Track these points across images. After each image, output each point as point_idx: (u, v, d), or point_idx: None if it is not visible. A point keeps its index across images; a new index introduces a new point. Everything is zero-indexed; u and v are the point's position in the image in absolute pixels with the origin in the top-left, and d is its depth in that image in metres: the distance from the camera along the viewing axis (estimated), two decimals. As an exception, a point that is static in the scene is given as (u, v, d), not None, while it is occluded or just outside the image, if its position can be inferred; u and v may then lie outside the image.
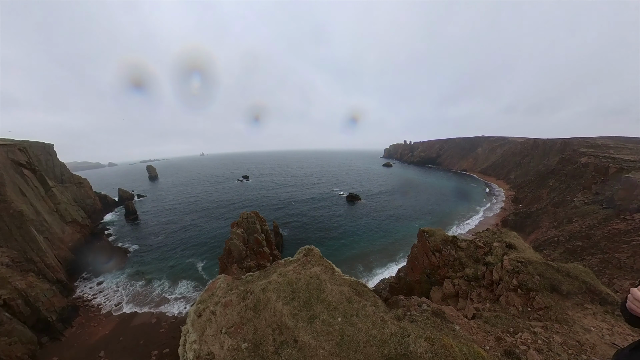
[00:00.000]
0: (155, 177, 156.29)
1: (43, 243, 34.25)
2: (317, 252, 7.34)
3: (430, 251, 16.79)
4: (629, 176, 34.87)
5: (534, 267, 9.43)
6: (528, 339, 4.85)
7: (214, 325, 4.98)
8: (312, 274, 5.60)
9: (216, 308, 5.39)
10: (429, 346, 3.69)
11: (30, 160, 43.32)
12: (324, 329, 4.05)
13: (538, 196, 59.69)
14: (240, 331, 4.59)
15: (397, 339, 3.82)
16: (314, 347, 3.76)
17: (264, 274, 6.84)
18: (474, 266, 13.71)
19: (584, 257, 29.12)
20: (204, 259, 42.08)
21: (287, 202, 78.36)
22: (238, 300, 5.43)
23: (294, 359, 3.69)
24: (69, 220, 45.60)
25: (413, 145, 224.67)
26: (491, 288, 11.67)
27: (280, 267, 6.79)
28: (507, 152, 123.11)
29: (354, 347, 3.66)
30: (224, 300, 5.53)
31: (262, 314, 4.73)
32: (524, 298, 8.39)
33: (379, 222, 58.89)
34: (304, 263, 6.64)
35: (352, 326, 4.05)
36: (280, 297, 4.98)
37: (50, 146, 62.77)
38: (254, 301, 5.12)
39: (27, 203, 37.10)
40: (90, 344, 25.36)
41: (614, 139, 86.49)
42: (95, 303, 31.99)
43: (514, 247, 12.73)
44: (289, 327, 4.20)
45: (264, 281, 5.72)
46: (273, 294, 5.11)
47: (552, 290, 7.81)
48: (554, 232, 40.13)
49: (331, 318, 4.27)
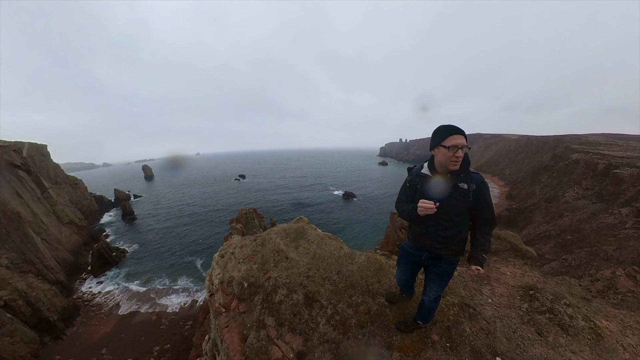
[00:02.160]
0: (151, 177, 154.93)
1: (41, 244, 34.19)
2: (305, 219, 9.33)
3: (398, 228, 21.71)
4: (616, 172, 36.05)
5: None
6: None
7: (234, 260, 6.93)
8: (300, 226, 7.91)
9: (235, 250, 7.37)
10: (366, 258, 5.98)
11: (25, 161, 42.94)
12: (304, 251, 6.29)
13: (531, 192, 61.05)
14: (252, 259, 6.62)
15: (348, 255, 6.12)
16: (297, 260, 5.95)
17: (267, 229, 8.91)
18: None
19: (573, 250, 30.18)
20: (203, 257, 42.37)
21: (283, 199, 78.70)
22: (250, 242, 7.45)
23: (285, 267, 5.83)
24: (66, 222, 45.39)
25: (408, 143, 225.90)
26: None
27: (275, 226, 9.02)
28: (501, 149, 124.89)
29: (321, 259, 5.93)
30: (240, 244, 7.57)
31: (267, 246, 6.80)
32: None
33: (375, 219, 59.67)
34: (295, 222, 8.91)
35: (321, 249, 6.30)
36: (279, 236, 7.15)
37: (43, 147, 62.02)
38: (261, 241, 7.22)
39: (24, 205, 36.91)
40: (92, 342, 25.65)
41: (605, 136, 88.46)
42: (95, 302, 32.18)
43: None
44: (283, 251, 6.36)
45: (268, 230, 7.99)
46: (274, 235, 7.27)
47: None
48: (546, 226, 41.29)
49: (309, 245, 6.52)
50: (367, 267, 5.79)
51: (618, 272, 15.91)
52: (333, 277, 5.65)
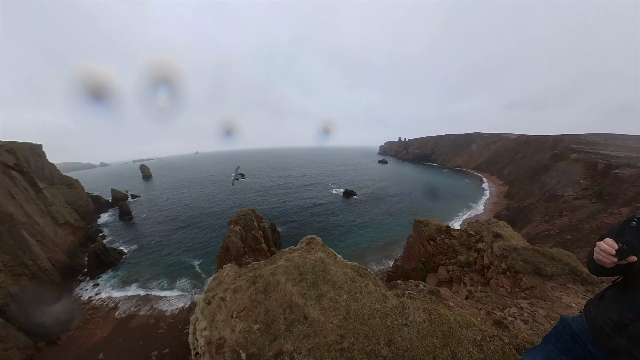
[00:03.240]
0: (149, 176, 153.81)
1: (35, 246, 33.54)
2: (319, 241, 7.48)
3: (425, 240, 17.57)
4: (616, 172, 36.02)
5: (519, 253, 10.45)
6: (515, 312, 5.51)
7: (224, 310, 5.07)
8: (317, 258, 5.94)
9: (225, 294, 5.46)
10: (427, 316, 4.24)
11: (18, 161, 42.12)
12: (331, 305, 4.43)
13: (530, 191, 61.13)
14: (252, 314, 4.73)
15: (398, 311, 4.34)
16: (322, 322, 4.15)
17: (270, 260, 6.98)
18: (467, 253, 14.68)
19: (574, 250, 30.11)
20: (202, 258, 41.92)
21: (283, 199, 78.27)
22: (248, 285, 5.55)
23: (304, 334, 3.99)
24: (62, 223, 44.68)
25: (408, 142, 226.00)
26: (482, 272, 12.51)
27: (285, 254, 7.01)
28: (500, 149, 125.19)
29: (360, 320, 4.10)
30: (233, 286, 5.65)
31: (273, 295, 4.94)
32: (512, 280, 9.18)
33: (375, 217, 59.49)
34: (307, 250, 6.92)
35: (357, 302, 4.47)
36: (289, 279, 5.23)
37: (38, 147, 61.01)
38: (263, 284, 5.29)
39: (17, 206, 36.18)
40: (88, 346, 25.18)
41: (603, 136, 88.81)
42: (92, 305, 31.65)
43: (501, 236, 14.00)
44: (299, 305, 4.50)
45: (272, 266, 5.95)
46: (282, 276, 5.35)
47: (536, 273, 8.59)
48: (545, 226, 41.29)
49: (337, 296, 4.65)
50: (430, 331, 3.91)
51: (623, 275, 16.08)
52: (382, 352, 3.76)
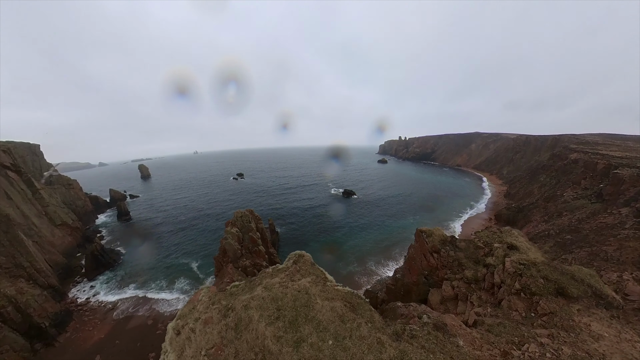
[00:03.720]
0: (147, 176, 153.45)
1: (32, 247, 33.28)
2: (309, 259, 7.05)
3: (428, 252, 16.26)
4: (616, 172, 35.92)
5: (538, 270, 9.09)
6: (536, 351, 4.72)
7: (194, 344, 4.62)
8: (301, 288, 5.17)
9: (196, 325, 4.99)
10: None
11: (15, 161, 41.79)
12: (313, 355, 3.59)
13: (530, 191, 61.07)
14: (221, 353, 4.19)
15: None
16: None
17: (249, 285, 6.46)
18: (474, 268, 13.45)
19: (573, 250, 30.05)
20: (200, 259, 41.73)
21: (282, 199, 78.08)
22: (219, 317, 5.04)
23: None
24: (59, 223, 44.39)
25: (408, 141, 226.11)
26: (492, 291, 11.25)
27: (266, 277, 6.45)
28: (499, 148, 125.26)
29: None
30: (204, 316, 5.17)
31: (244, 335, 4.35)
32: (527, 302, 8.08)
33: (375, 218, 59.36)
34: (292, 273, 6.20)
35: (345, 351, 3.60)
36: (264, 315, 4.59)
37: (36, 146, 60.73)
38: (235, 320, 4.71)
39: (14, 206, 35.90)
40: (85, 348, 24.97)
41: (603, 136, 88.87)
42: (89, 307, 31.43)
43: (516, 248, 12.29)
44: (272, 353, 3.78)
45: (247, 296, 5.33)
46: (256, 312, 4.70)
47: (557, 294, 7.58)
48: (545, 226, 41.22)
49: (321, 341, 3.85)
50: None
51: (625, 276, 15.59)
52: None
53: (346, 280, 34.36)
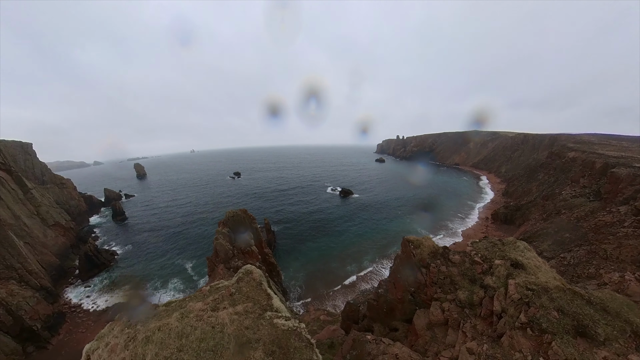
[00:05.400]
0: (143, 175, 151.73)
1: (23, 248, 32.46)
2: (257, 277, 5.96)
3: (415, 266, 14.06)
4: (614, 171, 35.96)
5: (551, 298, 6.90)
6: None
7: None
8: (218, 323, 4.37)
9: (103, 352, 4.63)
10: None
11: (5, 160, 40.73)
12: None
13: (528, 189, 61.22)
14: None
15: None
16: None
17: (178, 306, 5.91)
18: (469, 288, 11.14)
19: (572, 249, 30.04)
20: (194, 259, 41.22)
21: (279, 198, 77.51)
22: (123, 345, 4.60)
23: None
24: (52, 224, 43.46)
25: (406, 140, 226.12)
26: (490, 320, 9.12)
27: (191, 301, 5.94)
28: (498, 147, 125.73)
29: None
30: (113, 341, 4.77)
31: None
32: (536, 342, 6.09)
33: (371, 216, 59.15)
34: (223, 297, 5.37)
35: None
36: (159, 356, 4.02)
37: (28, 145, 59.42)
38: (131, 355, 4.20)
39: (4, 207, 34.98)
40: (78, 350, 24.37)
41: (598, 136, 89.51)
42: (82, 308, 30.79)
43: (522, 267, 9.78)
44: None
45: (156, 324, 4.83)
46: (153, 348, 4.13)
47: (576, 334, 5.59)
48: (543, 224, 41.28)
49: None
50: None
51: (627, 276, 15.39)
52: None
53: (341, 282, 34.08)
